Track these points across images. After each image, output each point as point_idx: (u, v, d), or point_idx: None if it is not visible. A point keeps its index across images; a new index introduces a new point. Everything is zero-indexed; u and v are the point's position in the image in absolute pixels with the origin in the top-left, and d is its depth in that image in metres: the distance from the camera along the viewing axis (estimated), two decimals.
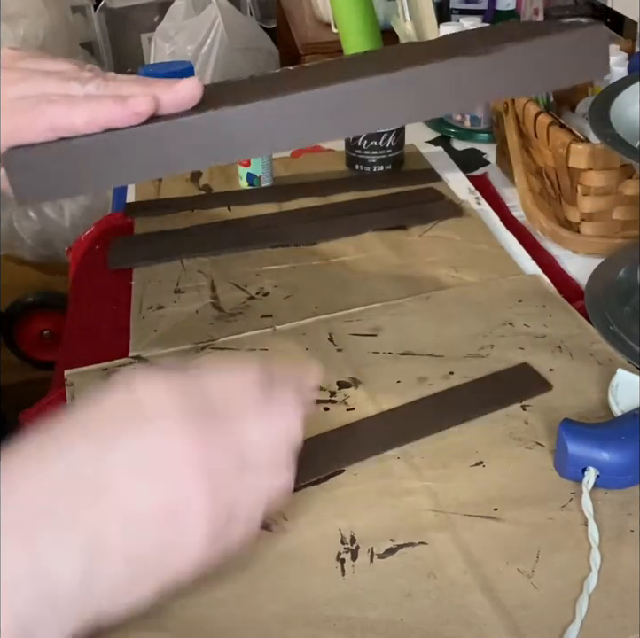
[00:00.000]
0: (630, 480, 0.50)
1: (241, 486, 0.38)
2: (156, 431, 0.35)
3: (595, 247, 0.76)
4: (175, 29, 2.16)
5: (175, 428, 0.36)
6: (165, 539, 0.35)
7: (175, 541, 0.35)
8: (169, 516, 0.35)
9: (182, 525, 0.35)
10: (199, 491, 0.35)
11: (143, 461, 0.35)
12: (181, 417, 0.36)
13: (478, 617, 0.43)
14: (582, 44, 0.49)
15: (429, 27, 1.06)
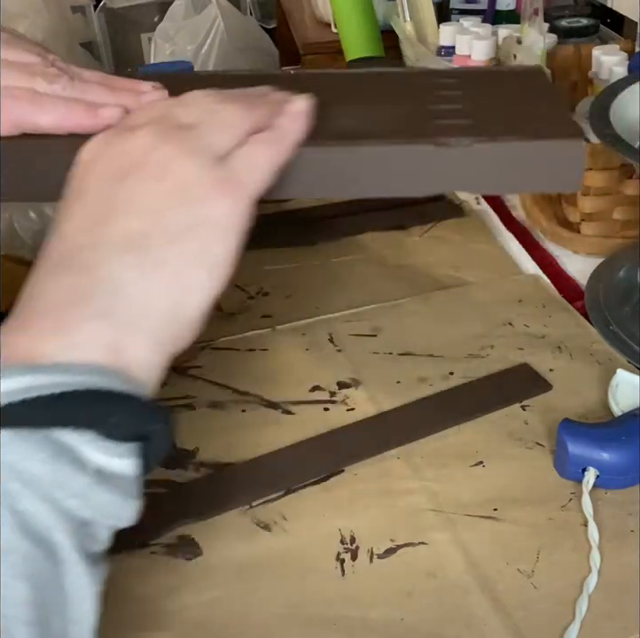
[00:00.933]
0: (630, 480, 0.50)
1: (203, 130, 0.39)
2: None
3: (595, 247, 0.76)
4: (175, 29, 2.16)
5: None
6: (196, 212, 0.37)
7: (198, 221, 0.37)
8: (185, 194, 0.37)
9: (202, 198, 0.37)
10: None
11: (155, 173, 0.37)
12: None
13: (478, 617, 0.43)
14: (560, 157, 0.46)
15: (429, 27, 1.06)
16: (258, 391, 0.60)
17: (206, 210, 0.38)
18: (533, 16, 0.78)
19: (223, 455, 0.55)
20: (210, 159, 0.38)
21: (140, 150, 0.38)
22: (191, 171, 0.37)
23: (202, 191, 0.37)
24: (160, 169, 0.37)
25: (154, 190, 0.37)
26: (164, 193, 0.37)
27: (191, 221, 0.37)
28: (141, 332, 0.35)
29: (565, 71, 0.93)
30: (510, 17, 1.06)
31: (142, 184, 0.37)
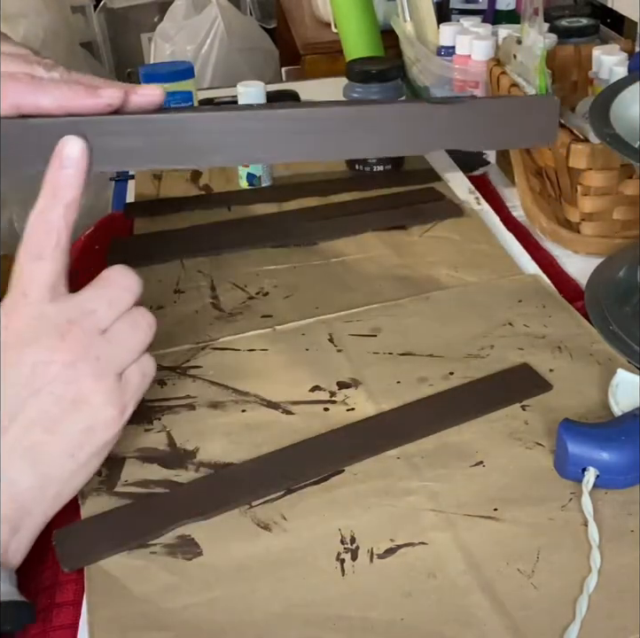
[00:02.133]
0: (630, 480, 0.50)
1: (112, 348, 0.45)
2: (24, 356, 0.43)
3: (595, 247, 0.76)
4: (175, 29, 2.16)
5: (36, 346, 0.43)
6: (83, 425, 0.44)
7: (91, 423, 0.44)
8: (73, 407, 0.43)
9: (89, 408, 0.44)
10: (86, 376, 0.44)
11: (30, 379, 0.43)
12: (37, 336, 0.43)
13: (478, 617, 0.43)
14: (536, 110, 0.51)
15: (429, 27, 1.06)
16: (258, 391, 0.60)
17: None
18: (533, 16, 0.77)
19: (223, 455, 0.55)
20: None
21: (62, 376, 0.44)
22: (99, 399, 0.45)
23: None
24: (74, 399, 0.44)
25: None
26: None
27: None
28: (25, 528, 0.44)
29: (565, 71, 0.93)
30: (510, 17, 1.06)
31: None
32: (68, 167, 0.44)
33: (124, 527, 0.49)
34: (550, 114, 0.52)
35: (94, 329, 0.44)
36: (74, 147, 0.44)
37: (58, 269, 0.44)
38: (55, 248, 0.44)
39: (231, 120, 0.47)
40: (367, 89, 0.87)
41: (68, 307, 0.44)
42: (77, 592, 0.47)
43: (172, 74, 1.07)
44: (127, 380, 0.46)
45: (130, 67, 2.42)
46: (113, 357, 0.45)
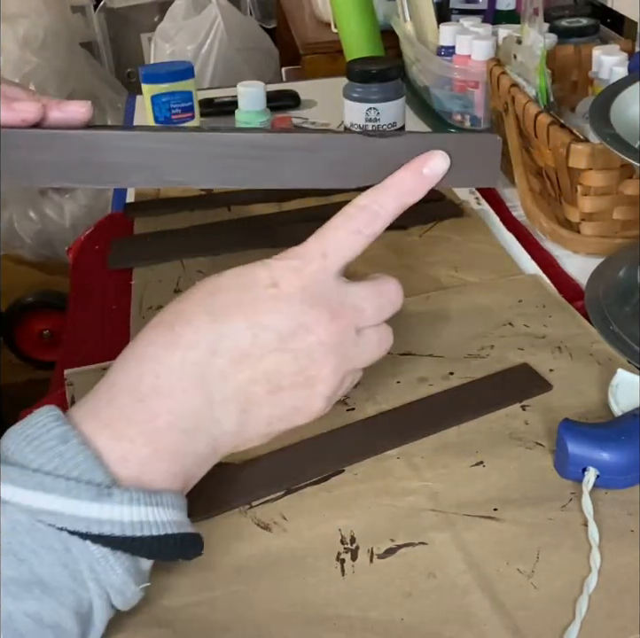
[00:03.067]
0: (630, 480, 0.50)
1: (356, 351, 0.45)
2: (295, 311, 0.43)
3: (595, 247, 0.76)
4: (175, 29, 2.16)
5: (309, 310, 0.43)
6: (297, 403, 0.44)
7: (303, 406, 0.44)
8: (304, 383, 0.43)
9: (311, 392, 0.44)
10: (328, 364, 0.43)
11: (286, 335, 0.42)
12: (314, 301, 0.43)
13: (478, 617, 0.43)
14: (476, 149, 0.49)
15: (429, 27, 1.06)
16: None
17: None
18: (533, 16, 0.77)
19: None
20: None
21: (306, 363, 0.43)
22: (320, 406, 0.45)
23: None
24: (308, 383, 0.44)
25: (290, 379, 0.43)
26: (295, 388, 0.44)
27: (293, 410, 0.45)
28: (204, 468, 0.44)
29: (565, 71, 0.93)
30: (510, 17, 1.06)
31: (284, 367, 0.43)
32: (425, 175, 0.45)
33: None
34: (490, 154, 0.50)
35: (355, 325, 0.45)
36: (442, 164, 0.46)
37: (359, 252, 0.45)
38: (373, 234, 0.45)
39: (147, 141, 0.46)
40: (367, 89, 0.87)
41: (347, 292, 0.44)
42: None
43: (172, 74, 1.07)
44: (343, 383, 0.45)
45: (130, 67, 2.42)
46: (353, 359, 0.45)
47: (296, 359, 0.43)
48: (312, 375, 0.43)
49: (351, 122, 0.89)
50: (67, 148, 0.45)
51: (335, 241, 0.45)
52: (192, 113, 1.09)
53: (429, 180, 0.45)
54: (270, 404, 0.43)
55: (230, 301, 0.43)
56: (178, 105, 1.08)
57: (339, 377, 0.44)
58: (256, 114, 0.88)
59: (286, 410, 0.44)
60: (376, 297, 0.46)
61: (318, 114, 1.13)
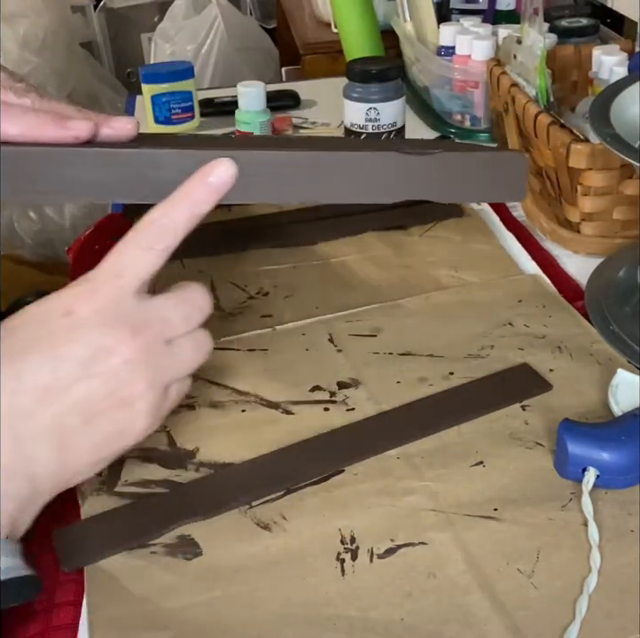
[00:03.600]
0: (630, 480, 0.50)
1: (171, 362, 0.44)
2: (93, 335, 0.42)
3: (595, 247, 0.76)
4: (175, 29, 2.16)
5: (108, 331, 0.42)
6: (118, 427, 0.43)
7: (126, 427, 0.43)
8: (119, 405, 0.43)
9: (130, 412, 0.43)
10: (141, 380, 0.43)
11: (87, 361, 0.42)
12: (112, 321, 0.42)
13: (478, 617, 0.43)
14: (504, 167, 0.51)
15: (429, 27, 1.06)
16: (258, 391, 0.60)
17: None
18: (533, 16, 0.77)
19: (223, 455, 0.55)
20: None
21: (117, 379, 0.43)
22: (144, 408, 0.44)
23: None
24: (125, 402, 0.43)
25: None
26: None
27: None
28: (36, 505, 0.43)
29: (565, 71, 0.93)
30: (510, 17, 1.06)
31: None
32: (212, 183, 0.45)
33: (124, 527, 0.49)
34: (518, 172, 0.52)
35: (163, 337, 0.44)
36: (227, 171, 0.45)
37: (156, 269, 0.44)
38: (166, 248, 0.44)
39: (192, 158, 0.46)
40: (367, 89, 0.87)
41: (148, 308, 0.44)
42: (77, 592, 0.47)
43: (172, 74, 1.07)
44: (168, 396, 0.45)
45: (130, 67, 2.42)
46: (170, 370, 0.45)
47: (104, 383, 0.42)
48: (125, 395, 0.43)
49: (351, 122, 0.89)
50: (121, 166, 0.46)
51: (127, 260, 0.44)
52: (192, 113, 1.09)
53: (218, 188, 0.45)
54: (89, 433, 0.43)
55: (27, 337, 0.42)
56: (178, 105, 1.08)
57: (159, 391, 0.44)
58: (256, 114, 0.88)
59: (109, 435, 0.43)
60: (181, 306, 0.45)
61: (318, 114, 1.13)
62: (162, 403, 0.45)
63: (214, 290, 0.73)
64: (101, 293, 0.43)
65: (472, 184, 0.52)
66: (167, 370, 0.44)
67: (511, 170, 0.52)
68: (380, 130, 0.88)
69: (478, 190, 0.52)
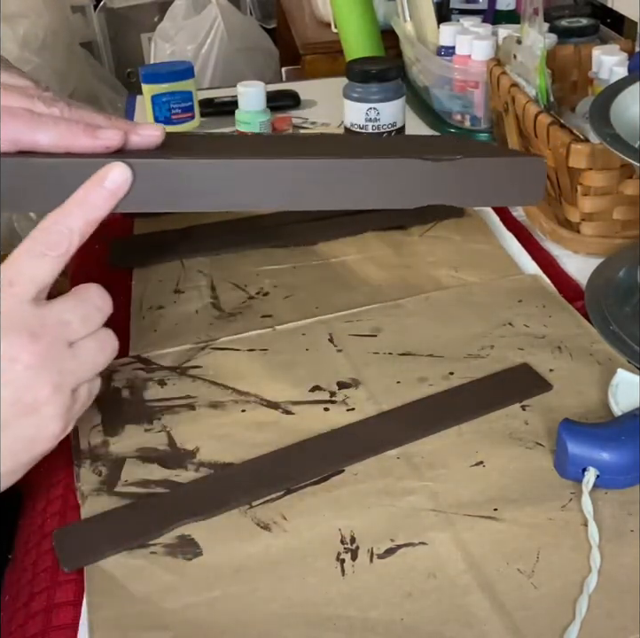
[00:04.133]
0: (630, 480, 0.50)
1: (75, 364, 0.44)
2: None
3: (595, 247, 0.76)
4: (175, 29, 2.16)
5: (6, 339, 0.42)
6: (29, 433, 0.43)
7: (36, 433, 0.43)
8: (26, 411, 0.42)
9: (38, 418, 0.43)
10: (45, 385, 0.43)
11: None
12: (9, 330, 0.42)
13: (478, 617, 0.43)
14: (523, 172, 0.53)
15: (429, 27, 1.06)
16: (258, 391, 0.60)
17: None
18: (533, 16, 0.77)
19: (223, 455, 0.55)
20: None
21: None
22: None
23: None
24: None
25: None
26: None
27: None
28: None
29: (565, 71, 0.93)
30: (510, 17, 1.06)
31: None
32: (107, 188, 0.45)
33: (124, 527, 0.49)
34: (536, 176, 0.53)
35: (64, 340, 0.44)
36: (122, 175, 0.45)
37: (53, 275, 0.44)
38: (61, 255, 0.44)
39: (222, 168, 0.47)
40: (367, 89, 0.87)
41: (45, 313, 0.43)
42: (77, 592, 0.47)
43: (172, 74, 1.07)
44: (77, 398, 0.45)
45: (130, 67, 2.42)
46: (74, 373, 0.44)
47: (9, 391, 0.42)
48: (30, 401, 0.42)
49: (351, 122, 0.89)
50: (151, 176, 0.46)
51: (20, 267, 0.43)
52: (192, 113, 1.09)
53: (113, 192, 0.45)
54: (2, 443, 0.42)
55: None
56: (178, 104, 1.08)
57: (66, 394, 0.44)
58: (256, 114, 0.88)
59: (23, 442, 0.43)
60: (79, 307, 0.45)
61: (318, 114, 1.13)
62: (71, 406, 0.44)
63: (214, 290, 0.73)
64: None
65: (492, 189, 0.52)
66: (72, 373, 0.44)
67: (531, 174, 0.53)
68: (380, 130, 0.88)
69: (497, 195, 0.53)
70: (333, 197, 0.49)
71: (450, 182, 0.50)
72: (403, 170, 0.49)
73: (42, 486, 0.55)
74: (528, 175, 0.53)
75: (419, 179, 0.50)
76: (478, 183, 0.52)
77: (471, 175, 0.51)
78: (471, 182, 0.52)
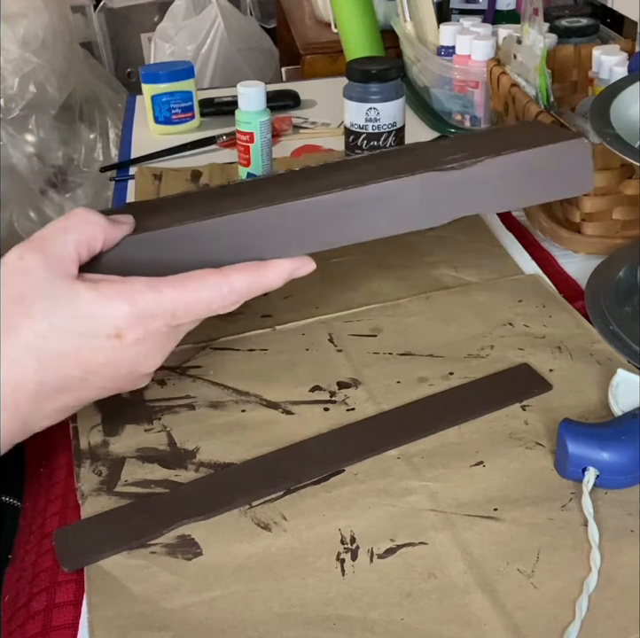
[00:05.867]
0: (630, 480, 0.50)
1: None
2: (127, 362, 0.46)
3: (595, 247, 0.76)
4: (175, 29, 2.16)
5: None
6: (109, 385, 0.47)
7: (119, 387, 0.48)
8: (129, 369, 0.47)
9: (132, 377, 0.47)
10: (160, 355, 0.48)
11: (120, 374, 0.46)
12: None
13: (478, 617, 0.43)
14: (562, 159, 0.47)
15: (429, 27, 1.06)
16: (258, 391, 0.60)
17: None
18: (533, 16, 0.77)
19: (223, 454, 0.55)
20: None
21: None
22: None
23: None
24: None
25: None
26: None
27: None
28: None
29: (565, 71, 0.93)
30: (510, 17, 1.07)
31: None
32: (294, 276, 0.52)
33: (124, 527, 0.49)
34: (580, 161, 0.47)
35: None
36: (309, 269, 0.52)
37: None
38: (216, 312, 0.49)
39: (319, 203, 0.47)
40: (367, 89, 0.87)
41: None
42: (77, 592, 0.47)
43: (172, 74, 1.07)
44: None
45: (130, 67, 2.42)
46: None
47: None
48: (137, 364, 0.47)
49: (351, 122, 0.89)
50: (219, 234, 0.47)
51: (192, 309, 0.47)
52: (192, 113, 1.09)
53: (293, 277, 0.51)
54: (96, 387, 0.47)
55: (66, 350, 0.44)
56: (178, 104, 1.08)
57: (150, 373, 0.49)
58: (256, 114, 0.88)
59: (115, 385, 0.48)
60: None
61: (318, 114, 1.13)
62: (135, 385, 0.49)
63: None
64: (152, 326, 0.46)
65: (526, 186, 0.47)
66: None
67: (573, 160, 0.47)
68: (380, 130, 0.88)
69: (534, 191, 0.47)
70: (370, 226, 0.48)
71: (478, 188, 0.46)
72: (428, 185, 0.46)
73: (42, 486, 0.55)
74: (570, 162, 0.46)
75: (445, 191, 0.46)
76: (508, 185, 0.47)
77: (496, 178, 0.46)
78: (500, 185, 0.47)
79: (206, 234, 0.46)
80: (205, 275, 0.47)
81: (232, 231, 0.46)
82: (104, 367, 0.45)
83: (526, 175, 0.47)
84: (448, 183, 0.46)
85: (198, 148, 1.04)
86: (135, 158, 1.03)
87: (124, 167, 1.02)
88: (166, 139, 1.07)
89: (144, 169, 0.98)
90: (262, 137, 0.89)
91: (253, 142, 0.89)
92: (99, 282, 0.44)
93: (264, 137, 0.89)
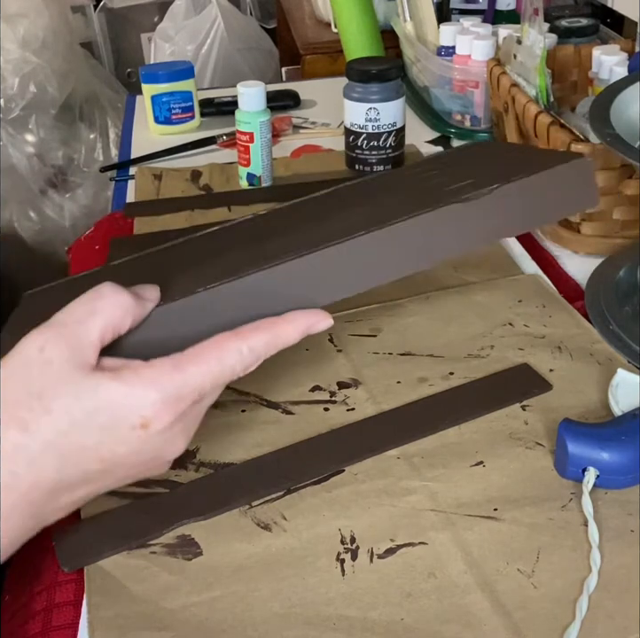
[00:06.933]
0: (630, 480, 0.50)
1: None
2: (153, 449, 0.44)
3: (595, 247, 0.76)
4: (175, 29, 2.16)
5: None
6: (134, 472, 0.45)
7: (138, 474, 0.46)
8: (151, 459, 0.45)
9: (153, 465, 0.46)
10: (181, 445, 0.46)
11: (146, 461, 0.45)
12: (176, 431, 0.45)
13: (478, 617, 0.43)
14: (569, 178, 0.49)
15: (429, 27, 1.06)
16: (258, 391, 0.60)
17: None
18: (533, 16, 0.77)
19: (223, 454, 0.55)
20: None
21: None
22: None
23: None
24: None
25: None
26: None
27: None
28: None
29: (565, 71, 0.93)
30: (510, 17, 1.06)
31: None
32: (310, 333, 0.47)
33: (124, 527, 0.49)
34: (585, 178, 0.49)
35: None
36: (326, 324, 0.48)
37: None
38: (242, 369, 0.45)
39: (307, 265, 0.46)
40: (367, 89, 0.87)
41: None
42: (77, 592, 0.47)
43: (172, 74, 1.07)
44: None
45: (130, 67, 2.42)
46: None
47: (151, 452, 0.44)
48: (160, 455, 0.46)
49: (351, 122, 0.89)
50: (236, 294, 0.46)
51: (214, 378, 0.44)
52: (192, 113, 1.09)
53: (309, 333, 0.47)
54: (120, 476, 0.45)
55: (88, 444, 0.42)
56: (178, 104, 1.08)
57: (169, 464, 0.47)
58: (256, 114, 0.88)
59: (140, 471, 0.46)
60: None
61: (318, 114, 1.13)
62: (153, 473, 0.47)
63: None
64: (178, 408, 0.43)
65: (540, 207, 0.49)
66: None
67: (578, 179, 0.49)
68: (380, 130, 0.88)
69: (547, 211, 0.49)
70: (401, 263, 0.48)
71: (499, 215, 0.47)
72: (454, 218, 0.47)
73: None
74: (575, 181, 0.49)
75: (469, 221, 0.47)
76: (518, 209, 0.48)
77: (508, 205, 0.47)
78: (511, 211, 0.48)
79: (226, 296, 0.45)
80: (222, 341, 0.44)
81: (253, 290, 0.46)
82: (126, 458, 0.43)
83: (534, 199, 0.49)
84: (465, 215, 0.47)
85: (198, 148, 1.04)
86: (135, 158, 1.03)
87: (124, 167, 1.02)
88: (166, 139, 1.07)
89: (144, 169, 0.98)
90: (262, 137, 0.89)
91: (253, 142, 0.89)
92: (121, 370, 0.42)
93: (264, 137, 0.89)
